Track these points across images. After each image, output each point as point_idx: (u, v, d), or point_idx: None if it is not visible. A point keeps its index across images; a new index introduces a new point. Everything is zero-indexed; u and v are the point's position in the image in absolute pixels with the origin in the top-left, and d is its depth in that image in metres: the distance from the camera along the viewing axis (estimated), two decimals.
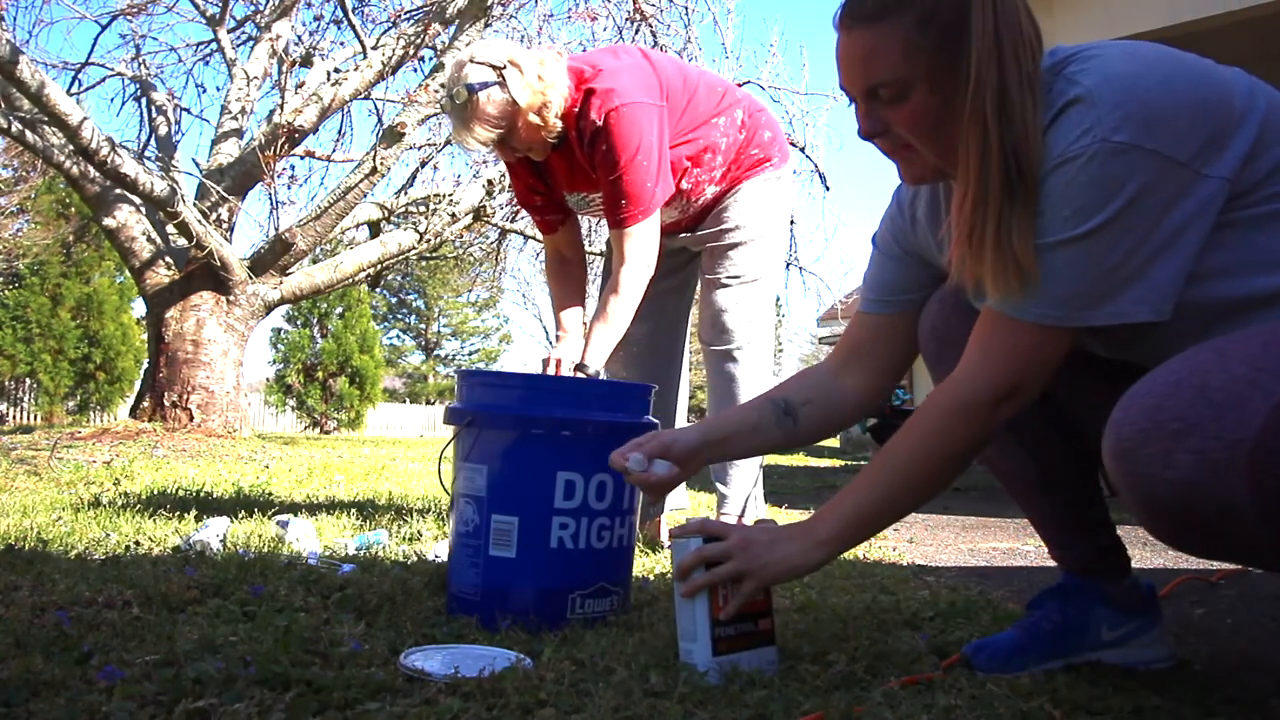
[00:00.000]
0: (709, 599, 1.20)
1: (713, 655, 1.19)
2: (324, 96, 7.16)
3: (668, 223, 2.32)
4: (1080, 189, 0.99)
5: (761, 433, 1.38)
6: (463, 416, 1.51)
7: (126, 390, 14.54)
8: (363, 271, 7.95)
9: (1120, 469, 0.96)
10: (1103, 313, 1.02)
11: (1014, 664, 1.23)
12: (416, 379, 30.97)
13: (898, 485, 1.17)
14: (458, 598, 1.50)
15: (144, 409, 6.82)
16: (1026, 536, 3.02)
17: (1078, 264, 1.01)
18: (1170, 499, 0.92)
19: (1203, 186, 0.99)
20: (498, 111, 2.03)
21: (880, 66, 1.06)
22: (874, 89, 1.08)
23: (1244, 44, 4.85)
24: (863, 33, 1.07)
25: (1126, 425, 0.94)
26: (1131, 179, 0.97)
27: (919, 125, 1.08)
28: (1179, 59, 1.05)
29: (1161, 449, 0.91)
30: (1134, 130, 0.97)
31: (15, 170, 14.47)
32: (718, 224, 2.32)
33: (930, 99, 1.06)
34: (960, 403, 1.12)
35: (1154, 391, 0.94)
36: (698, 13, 8.71)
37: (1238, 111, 1.00)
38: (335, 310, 17.62)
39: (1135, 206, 0.98)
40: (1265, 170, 1.01)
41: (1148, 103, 0.98)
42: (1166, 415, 0.91)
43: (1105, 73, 1.01)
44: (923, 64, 1.05)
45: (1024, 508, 1.38)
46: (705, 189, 2.29)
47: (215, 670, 1.05)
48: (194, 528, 2.32)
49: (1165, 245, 1.00)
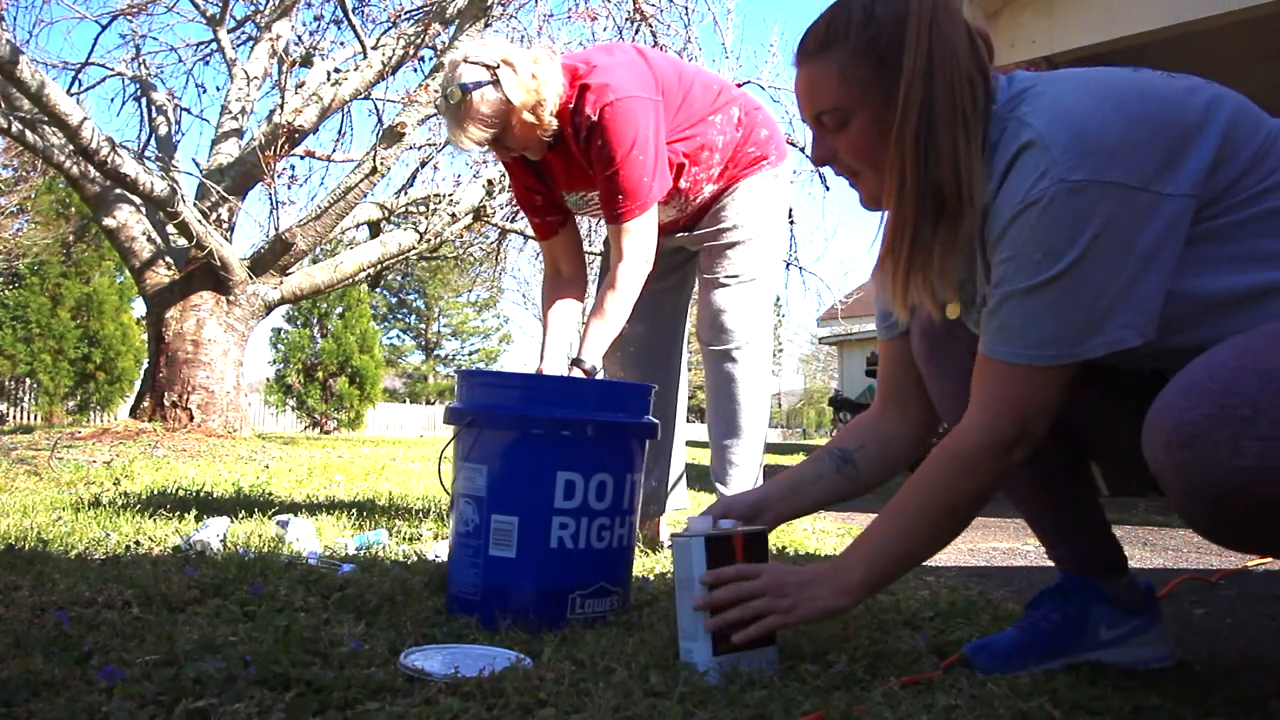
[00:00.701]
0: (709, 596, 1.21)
1: (713, 655, 1.19)
2: (324, 96, 7.16)
3: (665, 222, 2.32)
4: (1045, 232, 1.01)
5: (825, 481, 1.41)
6: (463, 416, 1.51)
7: (126, 390, 14.54)
8: (363, 271, 7.95)
9: (1179, 457, 0.93)
10: (1092, 345, 1.03)
11: (1014, 664, 1.23)
12: (416, 379, 30.99)
13: (923, 529, 1.19)
14: (458, 598, 1.50)
15: (144, 409, 6.82)
16: (1026, 536, 3.02)
17: (1058, 303, 1.03)
18: (1237, 487, 0.89)
19: (1167, 206, 1.00)
20: (492, 111, 2.02)
21: (821, 96, 1.13)
22: (818, 117, 1.14)
23: (1244, 44, 4.85)
24: (808, 66, 1.14)
25: (1190, 410, 0.92)
26: (1095, 214, 0.99)
27: (860, 152, 1.13)
28: (1130, 81, 1.06)
29: (1229, 434, 0.89)
30: (1089, 166, 0.99)
31: (15, 170, 14.47)
32: (715, 223, 2.32)
33: (868, 127, 1.11)
34: (969, 454, 1.14)
35: (1218, 375, 0.92)
36: (698, 13, 8.72)
37: (1194, 125, 1.02)
38: (335, 310, 17.62)
39: (1103, 239, 0.99)
40: (1232, 177, 1.02)
41: (1099, 136, 1.00)
42: (1235, 400, 0.89)
43: (1054, 111, 1.03)
44: (858, 93, 1.10)
45: (1019, 508, 1.38)
46: (703, 187, 2.29)
47: (215, 670, 1.05)
48: (194, 528, 2.32)
49: (1141, 269, 1.01)
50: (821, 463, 1.41)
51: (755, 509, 1.38)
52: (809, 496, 1.42)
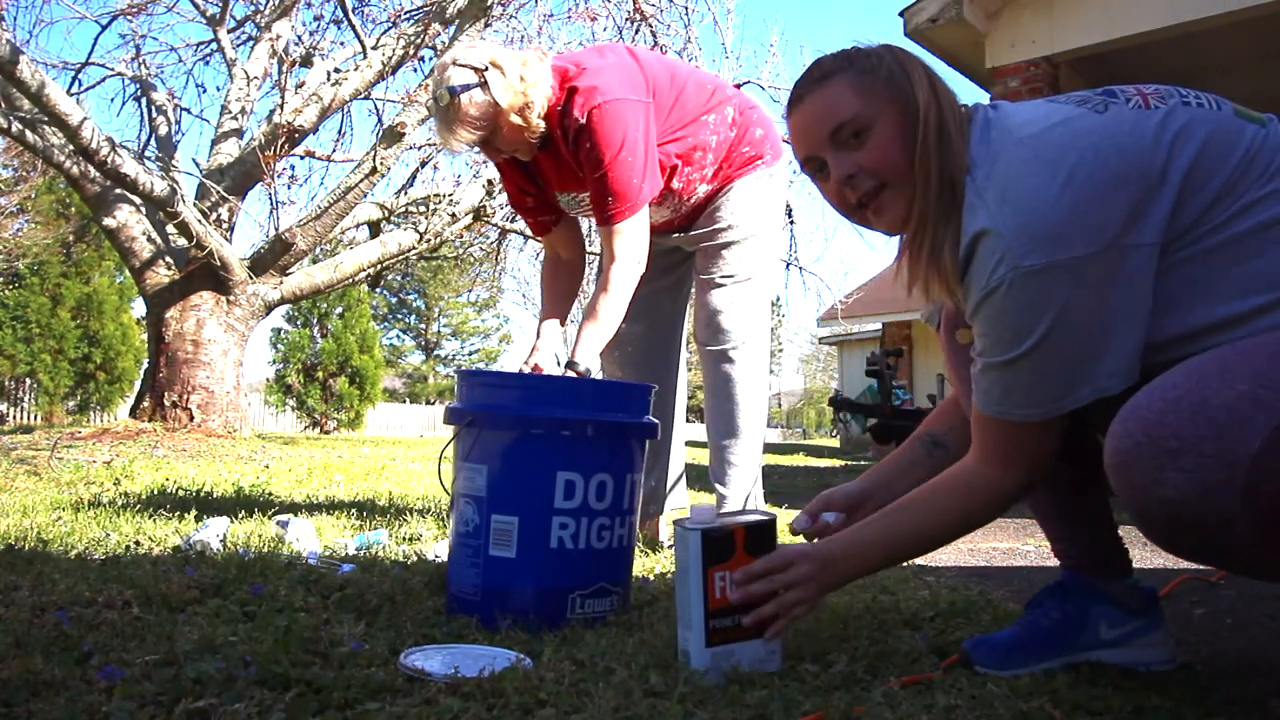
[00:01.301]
0: (704, 588, 1.20)
1: (706, 645, 1.19)
2: (324, 96, 7.16)
3: (660, 222, 2.31)
4: (1012, 315, 1.05)
5: (920, 467, 1.42)
6: (463, 416, 1.51)
7: (126, 390, 14.54)
8: (363, 271, 7.94)
9: (1116, 481, 0.98)
10: (1082, 395, 1.07)
11: (1013, 659, 1.24)
12: (416, 379, 30.98)
13: (916, 542, 1.25)
14: (458, 598, 1.50)
15: (144, 409, 6.82)
16: (1026, 536, 3.02)
17: (1036, 372, 1.07)
18: (1163, 515, 0.94)
19: (1133, 258, 1.02)
20: (479, 113, 2.02)
21: (837, 110, 1.15)
22: (836, 131, 1.15)
23: (1244, 44, 4.85)
24: (813, 96, 1.17)
25: (1125, 438, 0.96)
26: (1055, 293, 1.02)
27: (885, 158, 1.14)
28: (1088, 138, 1.05)
29: (1154, 465, 0.93)
30: (1042, 251, 1.01)
31: (15, 170, 14.47)
32: (710, 223, 2.31)
33: (890, 130, 1.13)
34: (985, 495, 1.20)
35: (1153, 406, 0.96)
36: (698, 13, 8.72)
37: (1157, 172, 1.03)
38: (335, 310, 17.61)
39: (1069, 310, 1.03)
40: (1197, 212, 1.03)
41: (1049, 215, 1.02)
42: (1164, 432, 0.93)
43: (1004, 194, 1.05)
44: (875, 100, 1.14)
45: (1026, 501, 1.38)
46: (697, 188, 2.28)
47: (215, 670, 1.05)
48: (194, 528, 2.32)
49: (1115, 320, 1.04)
50: (914, 449, 1.44)
51: (855, 501, 1.39)
52: (905, 486, 1.42)
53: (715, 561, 1.21)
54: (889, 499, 1.42)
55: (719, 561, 1.22)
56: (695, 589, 1.20)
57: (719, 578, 1.21)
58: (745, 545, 1.25)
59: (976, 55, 5.22)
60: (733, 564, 1.22)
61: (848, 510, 1.38)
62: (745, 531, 1.25)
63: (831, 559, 1.23)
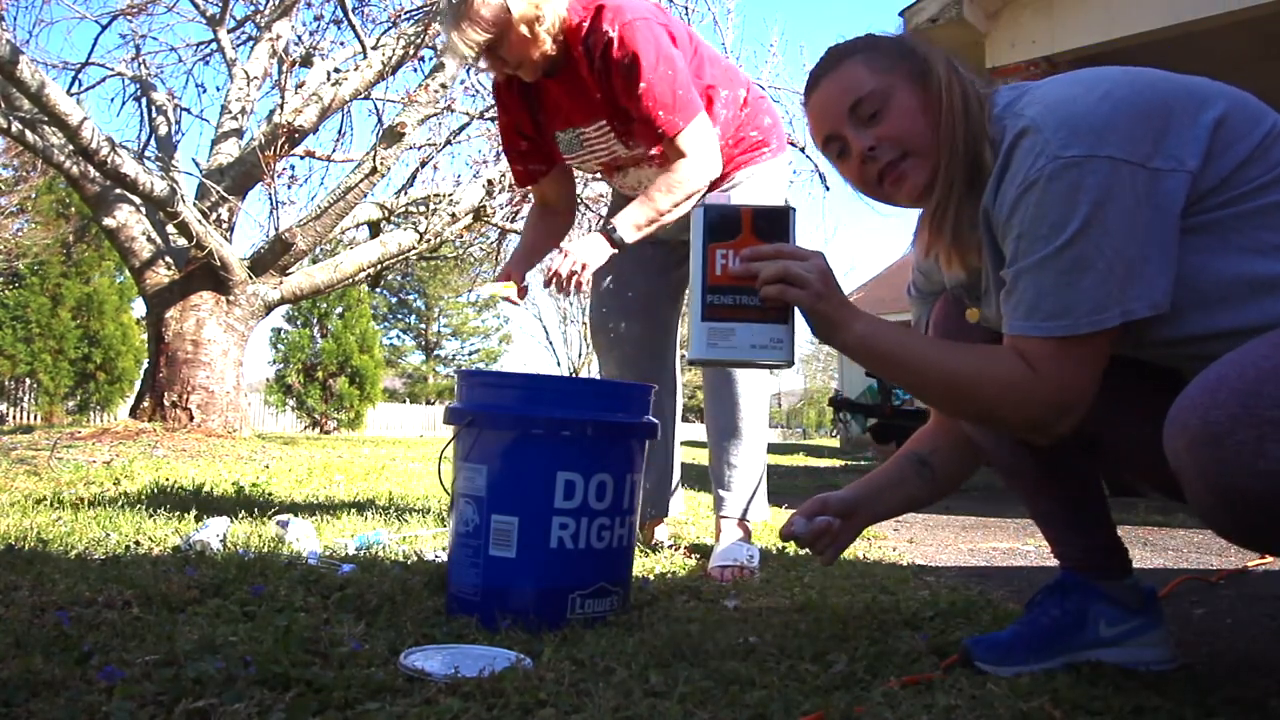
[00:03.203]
0: (705, 263, 1.18)
1: (702, 319, 1.17)
2: (324, 96, 7.16)
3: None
4: (1048, 207, 1.04)
5: (907, 485, 1.42)
6: (463, 416, 1.51)
7: (126, 390, 14.53)
8: (363, 271, 7.95)
9: (1201, 455, 0.91)
10: (1112, 315, 1.04)
11: (1013, 656, 1.24)
12: (416, 379, 30.97)
13: (926, 368, 1.16)
14: (458, 598, 1.50)
15: (144, 409, 6.82)
16: (1026, 536, 3.02)
17: (1069, 272, 1.05)
18: (1260, 490, 0.88)
19: (1166, 182, 1.03)
20: (491, 16, 2.00)
21: (854, 86, 1.17)
22: (855, 107, 1.17)
23: (1244, 44, 4.85)
24: (829, 77, 1.20)
25: (1214, 409, 0.91)
26: (1092, 184, 1.02)
27: (906, 129, 1.16)
28: (1123, 72, 1.10)
29: (1255, 436, 0.88)
30: (1082, 142, 1.03)
31: (15, 170, 14.47)
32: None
33: (909, 102, 1.16)
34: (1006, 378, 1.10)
35: (1246, 375, 0.91)
36: (698, 13, 8.72)
37: (1186, 111, 1.05)
38: (335, 310, 17.61)
39: (1105, 208, 1.02)
40: (1230, 167, 1.04)
41: (1089, 115, 1.04)
42: (1262, 401, 0.88)
43: (1046, 100, 1.09)
44: (891, 74, 1.17)
45: (1024, 501, 1.38)
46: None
47: (215, 670, 1.05)
48: (194, 528, 2.32)
49: (1147, 240, 1.03)
50: (901, 467, 1.43)
51: (849, 507, 1.39)
52: (894, 500, 1.43)
53: (717, 238, 1.18)
54: (880, 511, 1.43)
55: (722, 239, 1.18)
56: (696, 264, 1.18)
57: (720, 254, 1.18)
58: (753, 227, 1.19)
59: (976, 55, 5.22)
60: (738, 244, 1.18)
61: (843, 515, 1.38)
62: (753, 213, 1.20)
63: (845, 300, 1.17)
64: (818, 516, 1.36)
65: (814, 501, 1.39)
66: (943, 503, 4.47)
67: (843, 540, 1.39)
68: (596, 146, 2.21)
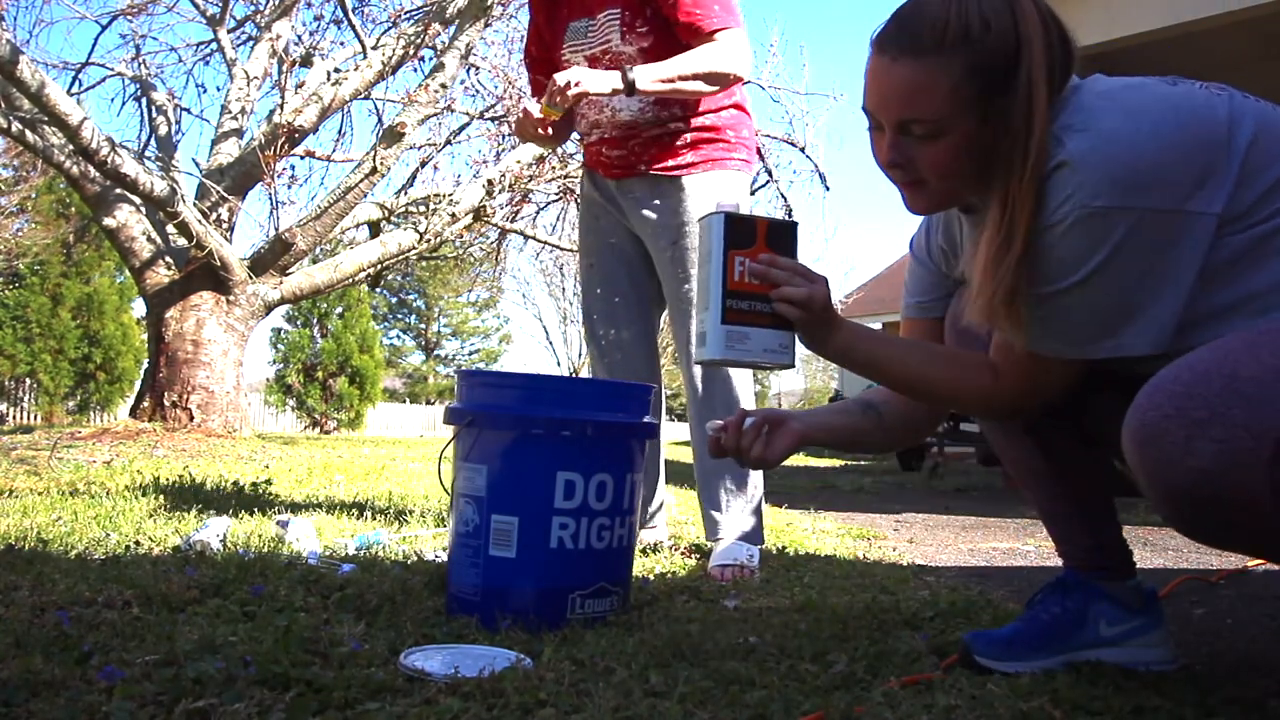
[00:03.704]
0: (724, 268, 1.22)
1: (721, 322, 1.21)
2: (324, 96, 7.15)
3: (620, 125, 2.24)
4: (1066, 250, 1.04)
5: (851, 415, 1.42)
6: (463, 416, 1.51)
7: (126, 390, 14.52)
8: (363, 271, 7.94)
9: (1141, 453, 0.97)
10: (1103, 347, 1.07)
11: (1013, 652, 1.24)
12: (416, 379, 30.97)
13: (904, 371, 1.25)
14: (458, 598, 1.50)
15: (144, 409, 6.81)
16: (1026, 536, 3.02)
17: (1074, 310, 1.07)
18: (1189, 486, 0.93)
19: (1196, 226, 1.01)
20: None
21: (922, 104, 1.07)
22: (908, 123, 1.09)
23: (1244, 44, 4.85)
24: (910, 64, 1.06)
25: (1151, 410, 0.96)
26: (1111, 236, 1.01)
27: (944, 167, 1.10)
28: (1168, 99, 1.05)
29: (1184, 435, 0.92)
30: (1113, 194, 1.00)
31: (15, 170, 14.46)
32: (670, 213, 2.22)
33: (960, 144, 1.08)
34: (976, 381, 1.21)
35: (1181, 378, 0.96)
36: None
37: (1223, 144, 1.02)
38: (335, 310, 17.59)
39: (1119, 257, 1.02)
40: (1254, 198, 1.02)
41: (1132, 165, 1.00)
42: (1194, 402, 0.93)
43: (1093, 134, 1.02)
44: (961, 110, 1.06)
45: (1031, 497, 1.39)
46: (674, 114, 2.21)
47: (215, 670, 1.05)
48: (194, 528, 2.32)
49: (1159, 285, 1.03)
50: (848, 403, 1.45)
51: (780, 415, 1.36)
52: (835, 423, 1.42)
53: (736, 245, 1.23)
54: (818, 426, 1.40)
55: (740, 246, 1.23)
56: (716, 268, 1.22)
57: (739, 261, 1.23)
58: (766, 237, 1.25)
59: None
60: (752, 252, 1.23)
61: (772, 423, 1.34)
62: (768, 224, 1.26)
63: (836, 315, 1.23)
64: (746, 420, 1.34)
65: (759, 411, 1.37)
66: (943, 503, 4.48)
67: (775, 444, 1.32)
68: (593, 37, 2.24)
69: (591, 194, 2.42)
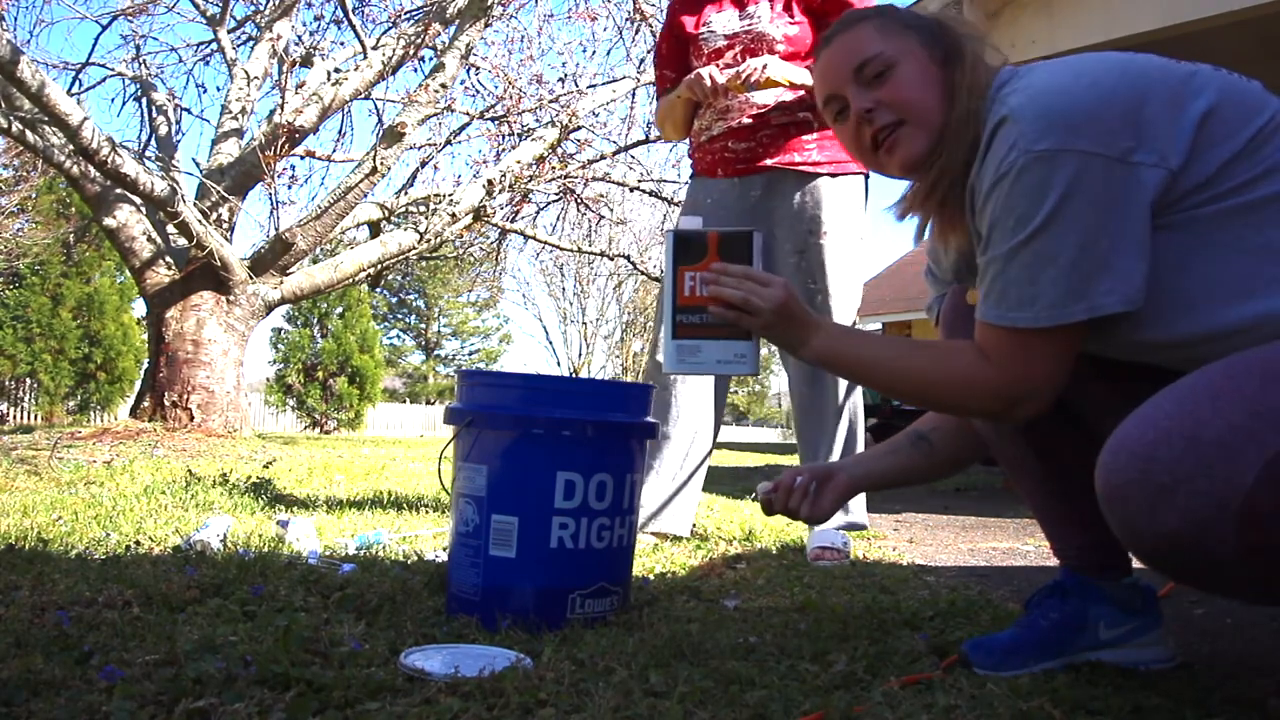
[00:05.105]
0: (675, 285, 1.26)
1: (673, 337, 1.25)
2: (324, 96, 7.16)
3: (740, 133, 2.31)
4: (1016, 200, 1.05)
5: (900, 454, 1.43)
6: (463, 416, 1.51)
7: (127, 390, 14.52)
8: (363, 271, 7.94)
9: (1110, 512, 0.97)
10: (1077, 309, 1.04)
11: (1012, 660, 1.24)
12: (416, 379, 30.96)
13: (886, 370, 1.22)
14: (458, 598, 1.50)
15: (144, 409, 6.82)
16: (1026, 536, 3.02)
17: (1033, 266, 1.05)
18: (1157, 550, 0.93)
19: (1142, 175, 1.01)
20: None
21: (861, 48, 1.20)
22: (860, 69, 1.19)
23: (1244, 44, 4.85)
24: (840, 37, 1.23)
25: (1116, 472, 0.95)
26: (1059, 178, 1.02)
27: (906, 97, 1.17)
28: (1117, 59, 1.09)
29: (1148, 503, 0.91)
30: (1055, 136, 1.02)
31: (15, 170, 14.45)
32: (804, 217, 2.30)
33: (912, 70, 1.17)
34: (962, 374, 1.15)
35: (1144, 439, 0.94)
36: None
37: (1170, 103, 1.03)
38: (335, 310, 17.59)
39: (1072, 202, 1.02)
40: (1220, 160, 1.02)
41: (1069, 105, 1.03)
42: (1156, 466, 0.91)
43: (1030, 89, 1.08)
44: (898, 44, 1.18)
45: (1026, 497, 1.38)
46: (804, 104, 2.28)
47: (215, 670, 1.05)
48: (194, 528, 2.32)
49: (1119, 235, 1.02)
50: (897, 439, 1.44)
51: (827, 470, 1.39)
52: (883, 466, 1.43)
53: (685, 261, 1.27)
54: (861, 475, 1.42)
55: (690, 261, 1.27)
56: (667, 286, 1.27)
57: (689, 277, 1.26)
58: (719, 250, 1.27)
59: None
60: (703, 265, 1.26)
61: (819, 479, 1.38)
62: (719, 237, 1.27)
63: (804, 313, 1.22)
64: (796, 479, 1.37)
65: (790, 471, 1.40)
66: (942, 502, 4.47)
67: (823, 501, 1.37)
68: (738, 25, 2.33)
69: (699, 199, 2.41)
